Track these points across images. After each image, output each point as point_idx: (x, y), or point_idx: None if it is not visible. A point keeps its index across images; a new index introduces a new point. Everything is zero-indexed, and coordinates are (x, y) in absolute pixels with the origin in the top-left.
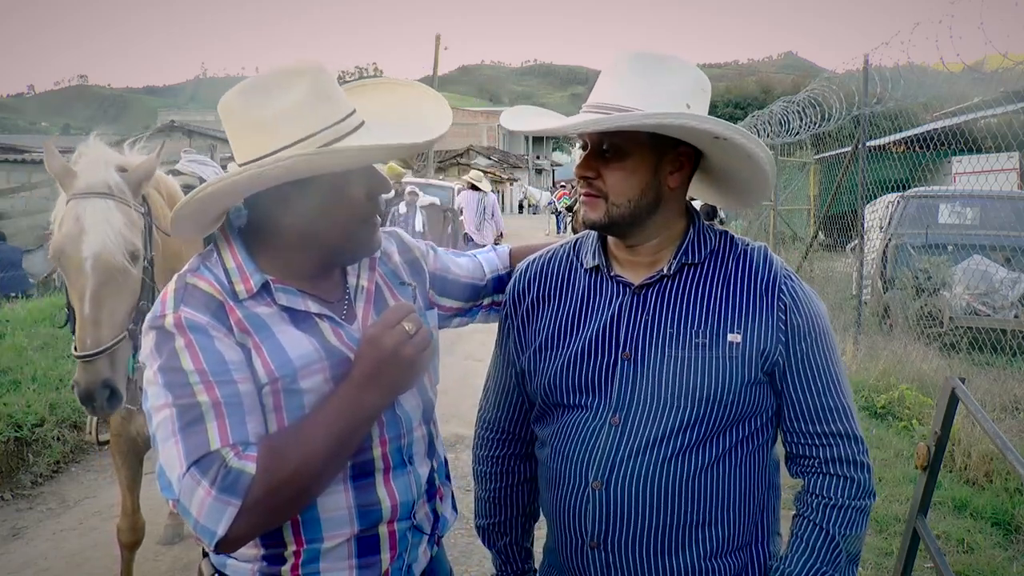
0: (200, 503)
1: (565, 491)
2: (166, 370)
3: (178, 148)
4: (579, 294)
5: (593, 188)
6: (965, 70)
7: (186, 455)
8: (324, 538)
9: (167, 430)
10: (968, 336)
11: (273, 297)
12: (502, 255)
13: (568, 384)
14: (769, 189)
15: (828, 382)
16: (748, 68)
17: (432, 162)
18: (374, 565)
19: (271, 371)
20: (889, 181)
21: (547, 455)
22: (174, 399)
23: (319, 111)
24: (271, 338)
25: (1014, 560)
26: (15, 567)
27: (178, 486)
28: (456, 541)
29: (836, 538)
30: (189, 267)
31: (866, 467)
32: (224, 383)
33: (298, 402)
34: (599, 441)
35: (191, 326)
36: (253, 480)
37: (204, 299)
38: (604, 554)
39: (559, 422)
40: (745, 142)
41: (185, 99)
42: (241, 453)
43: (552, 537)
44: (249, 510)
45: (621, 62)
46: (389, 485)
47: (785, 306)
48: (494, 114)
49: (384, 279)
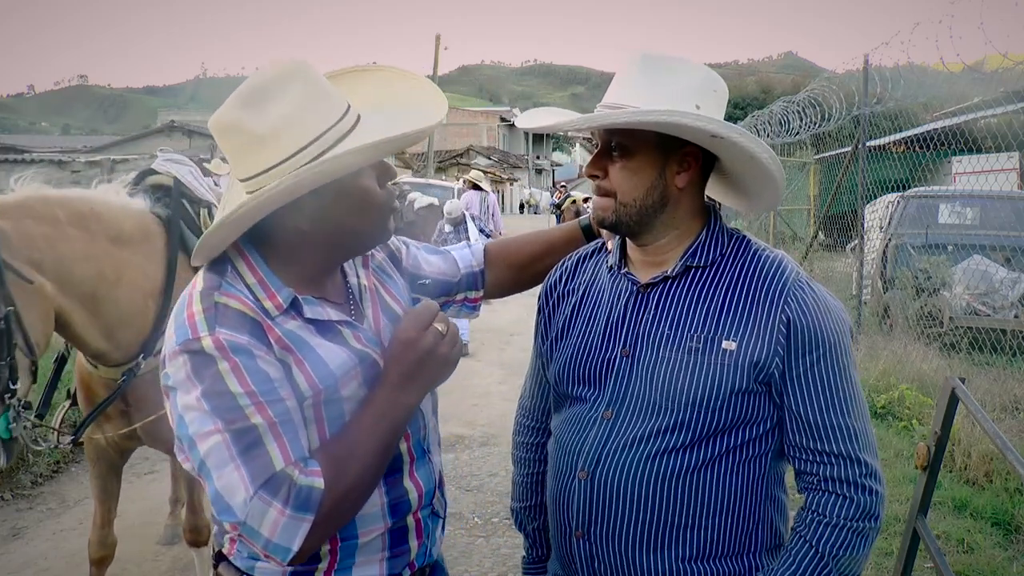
0: (273, 523)
1: (557, 479)
2: (211, 395)
3: (178, 148)
4: (597, 289)
5: (602, 187)
6: (965, 70)
7: (251, 479)
8: (359, 534)
9: (222, 456)
10: (968, 336)
11: (301, 312)
12: (476, 252)
13: (572, 375)
14: (778, 193)
15: (832, 400)
16: (748, 68)
17: (432, 162)
18: (404, 554)
19: (314, 384)
20: (889, 181)
21: (551, 444)
22: (225, 424)
23: (318, 112)
24: (311, 352)
25: (1014, 560)
26: (15, 567)
27: (244, 510)
28: (456, 541)
29: (825, 557)
30: (207, 284)
31: (868, 490)
32: (274, 402)
33: (338, 411)
34: (591, 433)
35: (233, 348)
36: (323, 494)
37: (239, 318)
38: (588, 545)
39: (564, 412)
40: (744, 142)
41: (185, 99)
42: (304, 469)
43: (550, 526)
44: (321, 523)
45: (632, 63)
46: (414, 477)
47: (788, 319)
48: (494, 114)
49: (375, 276)
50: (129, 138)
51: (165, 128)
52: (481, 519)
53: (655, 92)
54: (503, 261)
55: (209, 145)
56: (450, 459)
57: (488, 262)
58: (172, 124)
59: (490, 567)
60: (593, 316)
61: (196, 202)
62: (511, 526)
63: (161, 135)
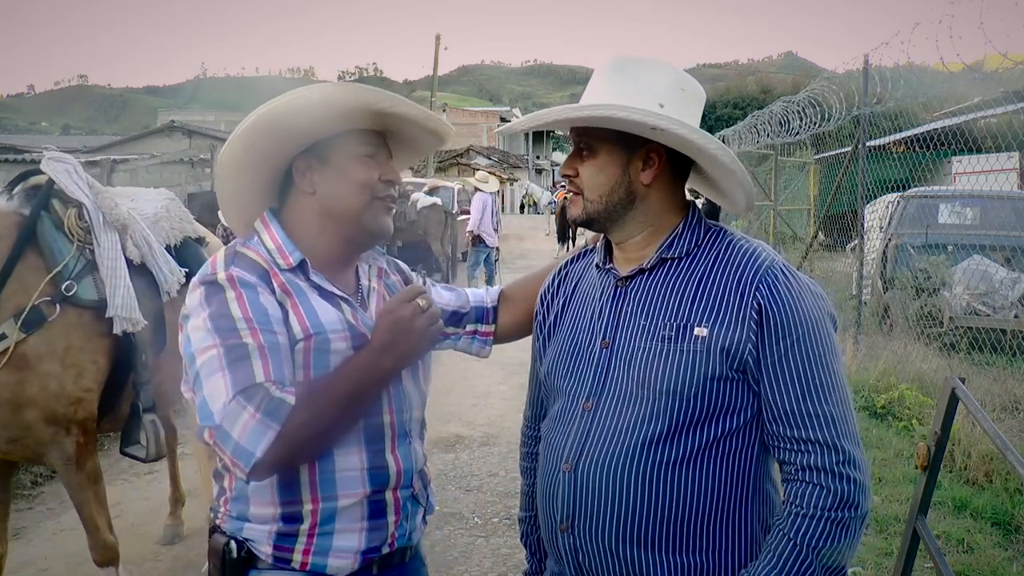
0: (243, 426)
1: (544, 473)
2: (215, 316)
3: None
4: (585, 286)
5: (572, 185)
6: (965, 70)
7: (232, 385)
8: (339, 496)
9: (213, 366)
10: (968, 336)
11: (307, 274)
12: (492, 292)
13: (559, 369)
14: (745, 190)
15: (809, 386)
16: (748, 68)
17: (432, 162)
18: (382, 528)
19: (306, 328)
20: (889, 181)
21: (541, 443)
22: (221, 340)
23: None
24: (306, 302)
25: (1014, 560)
26: (15, 567)
27: (222, 412)
28: (456, 541)
29: (804, 550)
30: (236, 242)
31: (847, 478)
32: (267, 331)
33: (325, 362)
34: (573, 425)
35: (241, 282)
36: (293, 410)
37: (252, 264)
38: (572, 538)
39: (552, 410)
40: (685, 132)
41: (185, 99)
42: (281, 388)
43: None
44: (285, 437)
45: (605, 66)
46: (395, 452)
47: (760, 305)
48: (494, 114)
49: (386, 288)
50: (129, 138)
51: (165, 128)
52: (481, 519)
53: (620, 93)
54: (523, 299)
55: (209, 145)
56: (450, 459)
57: (504, 300)
58: (172, 124)
59: (490, 567)
60: (579, 310)
61: (68, 202)
62: (511, 526)
63: (161, 135)
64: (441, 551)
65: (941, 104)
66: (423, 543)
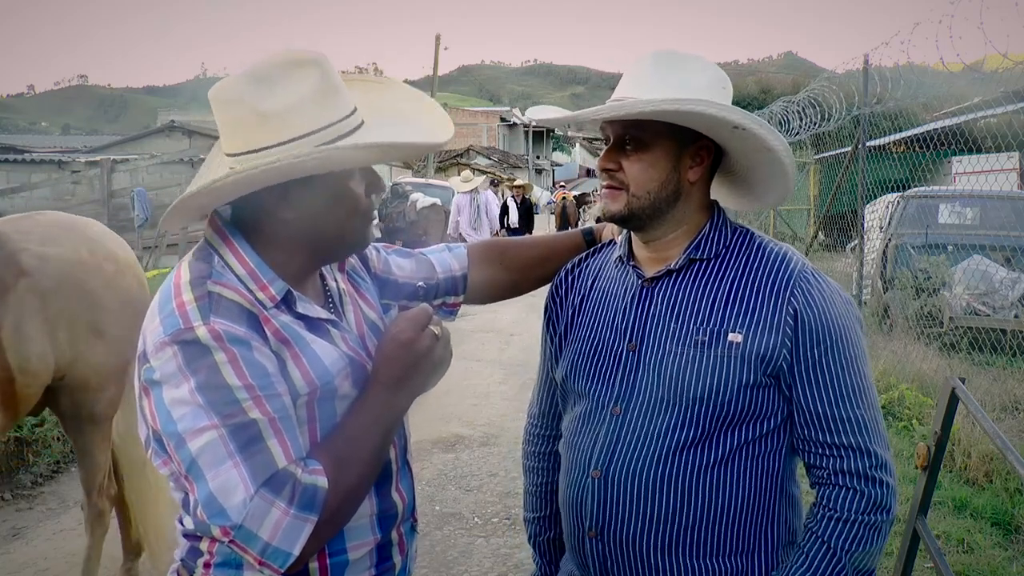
0: (275, 525)
1: (570, 479)
2: (206, 388)
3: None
4: (604, 283)
5: (615, 180)
6: (965, 70)
7: (252, 477)
8: (348, 548)
9: (219, 453)
10: (968, 336)
11: (292, 306)
12: (459, 255)
13: (581, 370)
14: (789, 186)
15: (842, 392)
16: (748, 68)
17: (432, 162)
18: (389, 570)
19: (311, 380)
20: (889, 181)
21: (562, 445)
22: (222, 420)
23: (327, 105)
24: (307, 348)
25: (1014, 560)
26: (15, 567)
27: (243, 511)
28: (456, 541)
29: (838, 553)
30: (196, 274)
31: (879, 482)
32: (273, 397)
33: (331, 410)
34: (601, 430)
35: (231, 338)
36: (327, 494)
37: (235, 308)
38: (601, 545)
39: (573, 411)
40: (765, 133)
41: (185, 99)
42: (306, 468)
43: (564, 526)
44: (324, 525)
45: (643, 61)
46: (399, 488)
47: (795, 310)
48: (494, 114)
49: (350, 281)
50: (129, 138)
51: (165, 128)
52: (481, 519)
53: (672, 86)
54: (499, 262)
55: (209, 145)
56: (450, 459)
57: (475, 263)
58: (172, 124)
59: (490, 567)
60: (601, 308)
61: None
62: (511, 526)
63: (161, 135)
64: (441, 551)
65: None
66: (423, 543)
